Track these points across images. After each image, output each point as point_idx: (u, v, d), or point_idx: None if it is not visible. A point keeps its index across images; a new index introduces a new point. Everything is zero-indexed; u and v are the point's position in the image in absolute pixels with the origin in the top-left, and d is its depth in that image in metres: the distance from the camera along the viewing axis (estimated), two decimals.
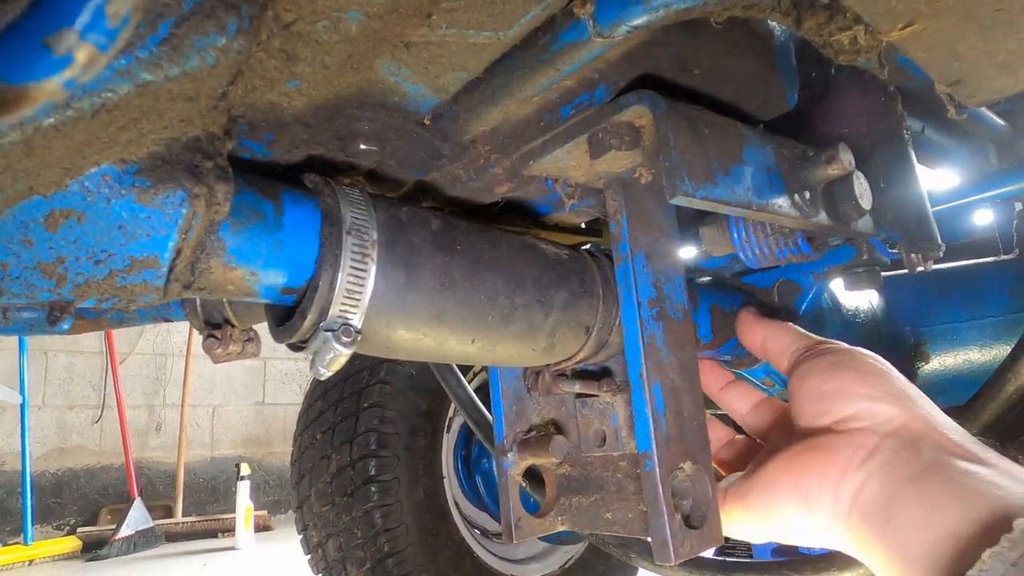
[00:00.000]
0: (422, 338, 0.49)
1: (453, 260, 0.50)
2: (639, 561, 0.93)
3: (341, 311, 0.44)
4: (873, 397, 0.48)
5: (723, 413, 0.67)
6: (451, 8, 0.43)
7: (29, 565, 4.03)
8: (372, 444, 1.42)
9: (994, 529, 0.35)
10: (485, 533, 1.70)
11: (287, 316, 0.48)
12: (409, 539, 1.40)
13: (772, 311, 0.86)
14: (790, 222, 0.58)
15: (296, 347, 0.47)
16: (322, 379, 0.46)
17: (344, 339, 0.44)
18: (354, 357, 1.54)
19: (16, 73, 0.26)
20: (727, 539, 0.52)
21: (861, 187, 0.59)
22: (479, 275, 0.51)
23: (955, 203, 0.95)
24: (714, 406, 0.67)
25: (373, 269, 0.45)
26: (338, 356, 0.44)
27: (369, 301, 0.45)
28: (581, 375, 0.63)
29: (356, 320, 0.45)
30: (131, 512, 4.40)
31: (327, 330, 0.44)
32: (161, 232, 0.40)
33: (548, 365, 0.62)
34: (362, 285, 0.45)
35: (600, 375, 0.62)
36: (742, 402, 0.65)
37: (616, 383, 0.57)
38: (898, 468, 0.43)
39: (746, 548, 2.18)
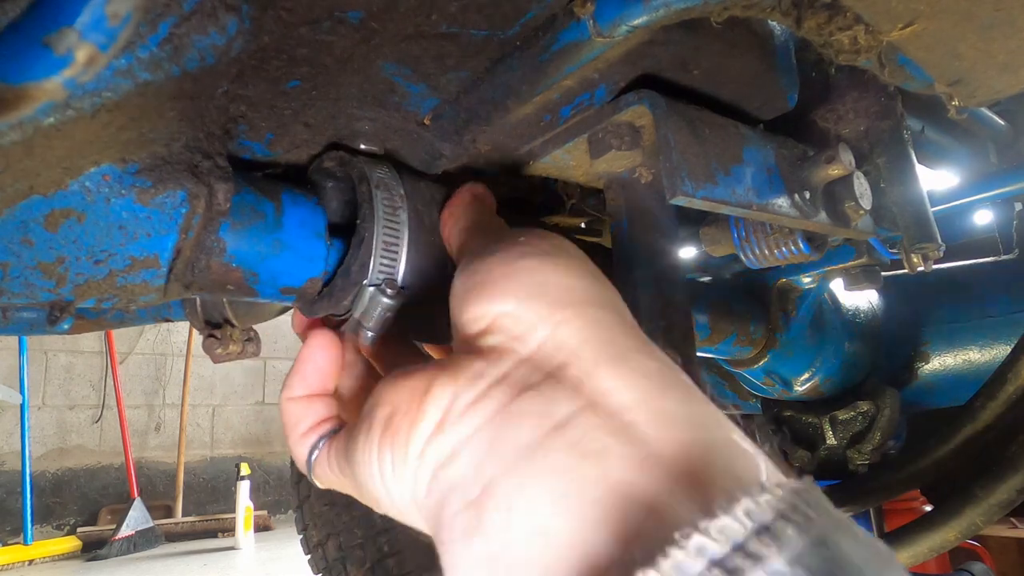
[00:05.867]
0: None
1: None
2: None
3: (382, 265, 0.45)
4: (521, 297, 0.31)
5: None
6: (452, 8, 0.43)
7: (29, 565, 4.03)
8: None
9: (629, 567, 0.21)
10: None
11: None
12: (409, 539, 1.40)
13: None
14: (790, 222, 0.58)
15: (338, 318, 0.48)
16: (371, 345, 0.46)
17: (389, 291, 0.45)
18: None
19: (16, 72, 0.26)
20: None
21: (861, 187, 0.59)
22: None
23: (955, 203, 0.95)
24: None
25: (406, 223, 0.47)
26: (386, 312, 0.45)
27: (405, 256, 0.46)
28: None
29: (398, 273, 0.46)
30: (131, 512, 4.40)
31: (371, 285, 0.45)
32: (161, 232, 0.40)
33: None
34: (398, 238, 0.46)
35: None
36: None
37: None
38: (510, 428, 0.27)
39: None
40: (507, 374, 0.30)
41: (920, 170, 0.71)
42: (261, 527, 4.91)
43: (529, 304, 0.31)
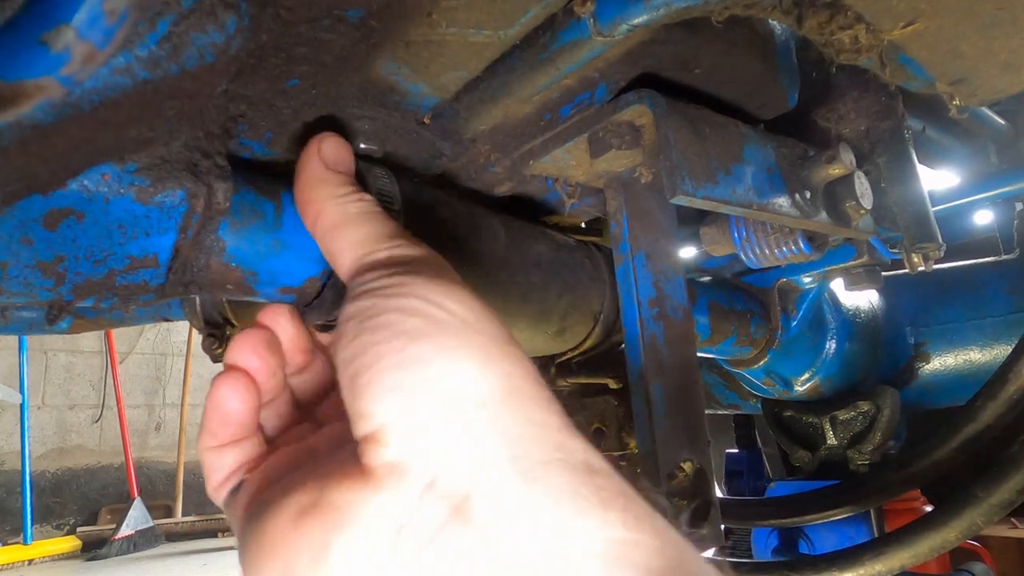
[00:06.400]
0: None
1: (477, 236, 0.50)
2: None
3: None
4: (411, 400, 0.29)
5: None
6: (451, 7, 0.43)
7: (29, 565, 4.03)
8: None
9: None
10: None
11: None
12: None
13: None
14: (791, 222, 0.58)
15: (326, 327, 0.47)
16: None
17: None
18: None
19: (13, 70, 0.25)
20: (727, 539, 0.51)
21: (862, 187, 0.58)
22: (500, 252, 0.52)
23: (956, 203, 0.94)
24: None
25: None
26: None
27: None
28: (586, 366, 0.63)
29: None
30: (131, 512, 4.40)
31: None
32: (160, 231, 0.39)
33: (553, 358, 0.62)
34: None
35: (604, 365, 0.62)
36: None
37: (624, 372, 0.58)
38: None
39: (746, 548, 2.18)
40: (411, 517, 0.28)
41: (921, 170, 0.71)
42: None
43: (422, 411, 0.29)
